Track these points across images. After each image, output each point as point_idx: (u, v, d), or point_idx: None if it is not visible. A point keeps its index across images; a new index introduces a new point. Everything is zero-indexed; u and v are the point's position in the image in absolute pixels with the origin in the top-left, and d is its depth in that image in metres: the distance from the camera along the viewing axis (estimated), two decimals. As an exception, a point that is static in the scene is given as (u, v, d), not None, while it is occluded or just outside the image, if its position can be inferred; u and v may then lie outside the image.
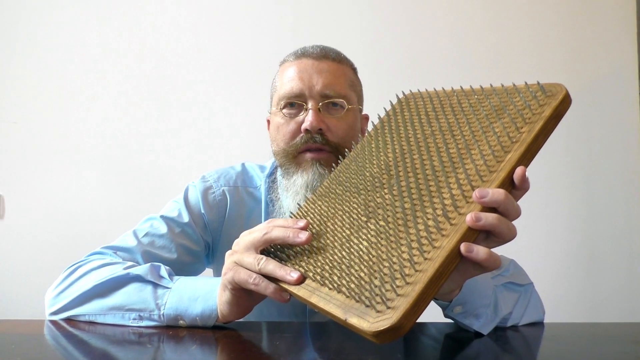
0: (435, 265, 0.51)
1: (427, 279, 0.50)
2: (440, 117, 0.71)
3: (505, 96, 0.66)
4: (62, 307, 0.82)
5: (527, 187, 0.58)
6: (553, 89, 0.62)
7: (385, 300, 0.50)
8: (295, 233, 0.66)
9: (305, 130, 0.93)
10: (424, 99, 0.78)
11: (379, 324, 0.49)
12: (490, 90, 0.69)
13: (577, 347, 0.74)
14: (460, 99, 0.72)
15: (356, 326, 0.51)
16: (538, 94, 0.63)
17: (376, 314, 0.50)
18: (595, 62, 2.00)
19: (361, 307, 0.53)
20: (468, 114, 0.68)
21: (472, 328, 0.77)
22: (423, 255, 0.53)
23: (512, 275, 0.88)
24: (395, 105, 0.82)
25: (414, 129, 0.73)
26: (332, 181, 0.77)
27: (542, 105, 0.61)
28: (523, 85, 0.66)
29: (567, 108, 0.61)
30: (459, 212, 0.55)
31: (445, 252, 0.52)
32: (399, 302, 0.50)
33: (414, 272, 0.52)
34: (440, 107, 0.74)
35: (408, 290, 0.50)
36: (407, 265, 0.53)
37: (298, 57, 0.99)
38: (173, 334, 0.74)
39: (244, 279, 0.69)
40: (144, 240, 0.94)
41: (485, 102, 0.68)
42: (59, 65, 1.97)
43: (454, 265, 0.53)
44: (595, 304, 1.96)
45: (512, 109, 0.63)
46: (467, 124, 0.66)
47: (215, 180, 1.05)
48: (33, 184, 1.94)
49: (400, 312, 0.49)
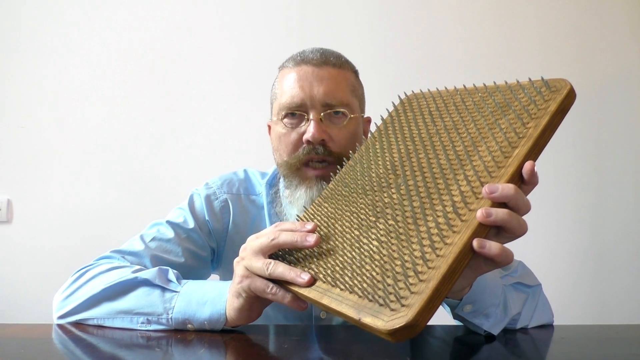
0: (448, 262, 0.51)
1: (441, 275, 0.50)
2: (445, 116, 0.71)
3: (509, 93, 0.66)
4: (70, 310, 0.82)
5: (536, 182, 0.58)
6: (557, 84, 0.62)
7: (399, 298, 0.50)
8: (303, 236, 0.66)
9: (307, 141, 0.92)
10: (427, 99, 0.78)
11: (394, 322, 0.49)
12: (493, 87, 0.69)
13: (587, 350, 0.73)
14: (464, 98, 0.72)
15: (370, 325, 0.51)
16: (542, 89, 0.63)
17: (390, 312, 0.50)
18: (604, 62, 1.99)
19: (374, 306, 0.52)
20: (472, 111, 0.68)
21: (482, 328, 0.77)
22: (435, 252, 0.53)
23: (520, 276, 0.88)
24: (398, 106, 0.82)
25: (418, 129, 0.73)
26: (338, 183, 0.77)
27: (547, 101, 0.61)
28: (527, 82, 0.65)
29: (572, 103, 0.61)
30: (469, 208, 0.55)
31: (458, 249, 0.52)
32: (413, 299, 0.50)
33: (427, 269, 0.52)
34: (444, 106, 0.73)
35: (422, 287, 0.50)
36: (419, 262, 0.53)
37: (298, 64, 0.97)
38: (181, 337, 0.74)
39: (261, 288, 0.69)
40: (152, 245, 0.95)
41: (489, 100, 0.68)
42: (66, 70, 1.98)
43: (467, 262, 0.53)
44: (604, 305, 1.94)
45: (517, 105, 0.63)
46: (472, 121, 0.66)
47: (218, 187, 1.06)
48: (40, 188, 1.95)
49: (415, 309, 0.49)
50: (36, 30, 1.99)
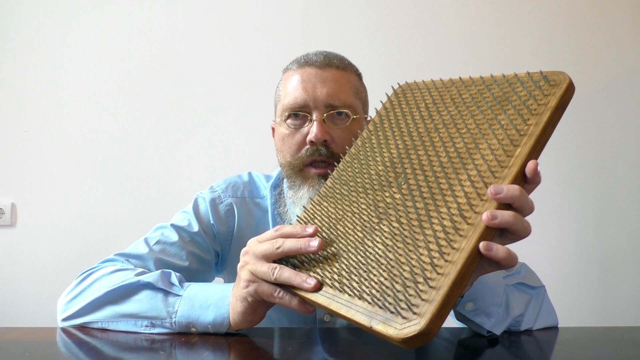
0: (457, 268, 0.51)
1: (451, 282, 0.50)
2: (442, 110, 0.70)
3: (507, 86, 0.65)
4: (74, 313, 0.83)
5: (539, 181, 0.58)
6: (556, 78, 0.61)
7: (411, 305, 0.50)
8: (307, 242, 0.66)
9: (310, 142, 0.93)
10: (422, 90, 0.76)
11: (407, 330, 0.49)
12: (490, 80, 0.68)
13: (592, 352, 0.73)
14: (460, 90, 0.70)
15: (382, 333, 0.51)
16: (541, 83, 0.62)
17: (402, 320, 0.50)
18: (608, 62, 1.98)
19: (386, 314, 0.52)
20: (470, 105, 0.67)
21: (484, 327, 0.77)
22: (444, 258, 0.52)
23: (523, 277, 0.87)
24: (392, 97, 0.81)
25: (415, 123, 0.71)
26: (336, 181, 0.76)
27: (547, 96, 0.60)
28: (525, 74, 0.64)
29: (571, 97, 0.60)
30: (475, 210, 0.55)
31: (466, 254, 0.52)
32: (424, 308, 0.50)
33: (436, 276, 0.51)
34: (440, 98, 0.72)
35: (433, 295, 0.50)
36: (428, 268, 0.52)
37: (301, 66, 0.98)
38: (185, 340, 0.74)
39: (268, 292, 0.69)
40: (156, 248, 0.95)
41: (487, 93, 0.66)
42: (70, 74, 1.99)
43: (475, 265, 0.52)
44: (609, 307, 1.93)
45: (516, 99, 0.62)
46: (471, 116, 0.65)
47: (223, 191, 1.06)
48: (45, 192, 1.96)
49: (427, 318, 0.49)
50: (39, 34, 1.99)
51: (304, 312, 0.66)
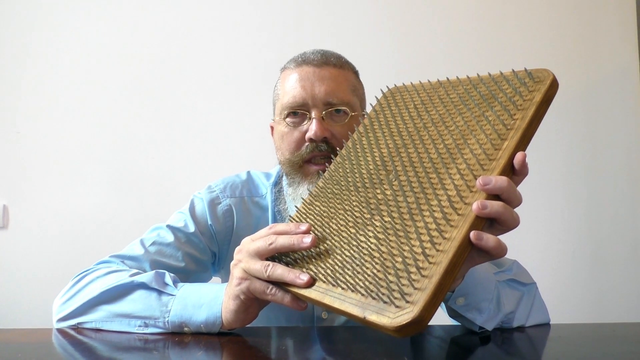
0: (448, 257, 0.52)
1: (443, 270, 0.51)
2: (430, 109, 0.72)
3: (493, 84, 0.67)
4: (69, 313, 0.83)
5: (526, 173, 0.59)
6: (541, 75, 0.63)
7: (404, 294, 0.51)
8: (300, 239, 0.66)
9: (309, 139, 0.94)
10: (410, 92, 0.78)
11: (400, 318, 0.50)
12: (477, 79, 0.70)
13: (584, 348, 0.74)
14: (448, 90, 0.72)
15: (376, 323, 0.52)
16: (526, 80, 0.64)
17: (395, 309, 0.51)
18: (597, 62, 2.00)
19: (379, 304, 0.53)
20: (458, 104, 0.69)
21: (475, 323, 0.77)
22: (435, 247, 0.53)
23: (515, 274, 0.88)
24: (381, 100, 0.82)
25: (405, 123, 0.73)
26: (327, 181, 0.77)
27: (532, 92, 0.62)
28: (510, 72, 0.67)
29: (556, 92, 0.62)
30: (465, 201, 0.56)
31: (457, 243, 0.53)
32: (417, 296, 0.51)
33: (428, 265, 0.52)
34: (429, 99, 0.74)
35: (425, 283, 0.51)
36: (420, 258, 0.54)
37: (299, 65, 0.98)
38: (179, 340, 0.74)
39: (260, 290, 0.69)
40: (151, 249, 0.95)
41: (474, 92, 0.68)
42: (62, 75, 1.98)
43: (466, 255, 0.54)
44: (601, 303, 1.95)
45: (502, 96, 0.65)
46: (459, 114, 0.67)
47: (221, 191, 1.06)
48: (37, 193, 1.95)
49: (420, 305, 0.50)
50: (32, 35, 1.99)
51: (296, 309, 0.67)
